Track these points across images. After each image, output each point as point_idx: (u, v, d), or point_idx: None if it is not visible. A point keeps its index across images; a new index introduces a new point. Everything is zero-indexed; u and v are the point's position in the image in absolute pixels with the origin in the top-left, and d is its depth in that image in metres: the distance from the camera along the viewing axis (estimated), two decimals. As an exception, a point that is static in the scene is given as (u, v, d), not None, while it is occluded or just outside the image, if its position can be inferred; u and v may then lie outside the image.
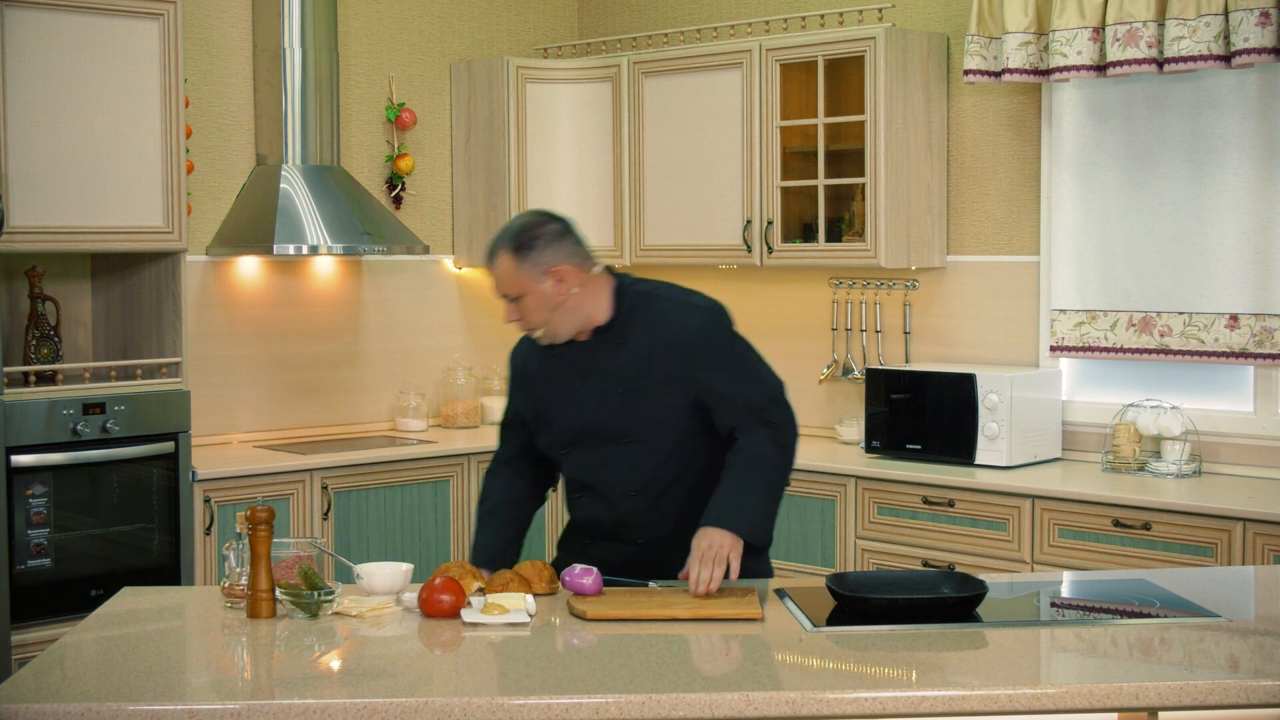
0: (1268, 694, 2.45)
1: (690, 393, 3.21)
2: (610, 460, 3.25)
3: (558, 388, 3.28)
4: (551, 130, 6.15)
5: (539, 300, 3.17)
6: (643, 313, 3.23)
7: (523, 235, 3.15)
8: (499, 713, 2.37)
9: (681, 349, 3.20)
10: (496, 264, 3.17)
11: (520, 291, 3.16)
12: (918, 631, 2.78)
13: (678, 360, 3.20)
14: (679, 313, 3.24)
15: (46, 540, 4.75)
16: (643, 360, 3.21)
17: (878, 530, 5.09)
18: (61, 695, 2.43)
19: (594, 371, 3.24)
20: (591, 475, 3.29)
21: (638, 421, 3.22)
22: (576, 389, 3.26)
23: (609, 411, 3.23)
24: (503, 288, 3.18)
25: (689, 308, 3.26)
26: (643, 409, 3.21)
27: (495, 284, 3.19)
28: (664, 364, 3.20)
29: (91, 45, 4.83)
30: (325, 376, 5.98)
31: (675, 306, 3.26)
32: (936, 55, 5.48)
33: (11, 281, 5.09)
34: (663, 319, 3.23)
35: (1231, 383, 4.96)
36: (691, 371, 3.20)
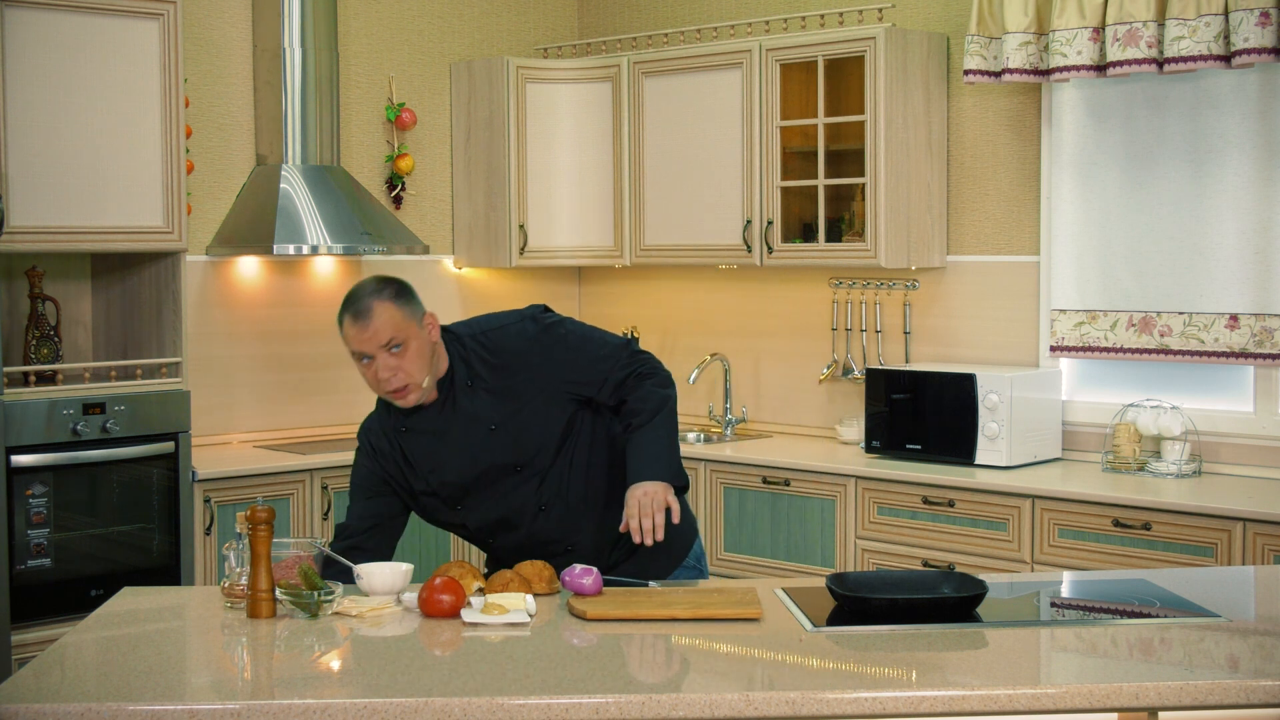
0: (1268, 694, 2.45)
1: (559, 396, 3.26)
2: (508, 493, 3.27)
3: (427, 455, 3.25)
4: (551, 130, 6.15)
5: (420, 348, 3.15)
6: (475, 353, 3.24)
7: (396, 283, 3.17)
8: (499, 713, 2.37)
9: (529, 365, 3.23)
10: (376, 314, 3.11)
11: (405, 338, 3.12)
12: (918, 631, 2.78)
13: (531, 375, 3.23)
14: (507, 337, 3.26)
15: (46, 540, 4.75)
16: (498, 395, 3.22)
17: (878, 530, 5.09)
18: (61, 695, 2.43)
19: (459, 425, 3.22)
20: (496, 513, 3.29)
21: (519, 450, 3.24)
22: (447, 448, 3.24)
23: (490, 453, 3.23)
24: (387, 335, 3.11)
25: (512, 327, 3.28)
26: (520, 437, 3.24)
27: (372, 338, 3.11)
28: (521, 386, 3.23)
29: (91, 45, 4.83)
30: (325, 376, 5.97)
31: (500, 334, 3.27)
32: (936, 55, 5.48)
33: (11, 281, 5.09)
34: (497, 350, 3.24)
35: (1231, 383, 4.96)
36: (550, 377, 3.24)
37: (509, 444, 3.23)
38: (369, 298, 3.15)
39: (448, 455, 3.24)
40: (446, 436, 3.24)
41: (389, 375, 3.13)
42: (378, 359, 3.13)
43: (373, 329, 3.12)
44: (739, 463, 5.42)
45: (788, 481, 5.29)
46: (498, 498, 3.27)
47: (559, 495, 3.29)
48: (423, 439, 3.25)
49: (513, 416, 3.23)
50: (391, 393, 3.16)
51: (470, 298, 6.40)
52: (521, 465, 3.25)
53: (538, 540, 3.30)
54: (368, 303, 3.14)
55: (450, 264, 6.35)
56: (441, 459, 3.24)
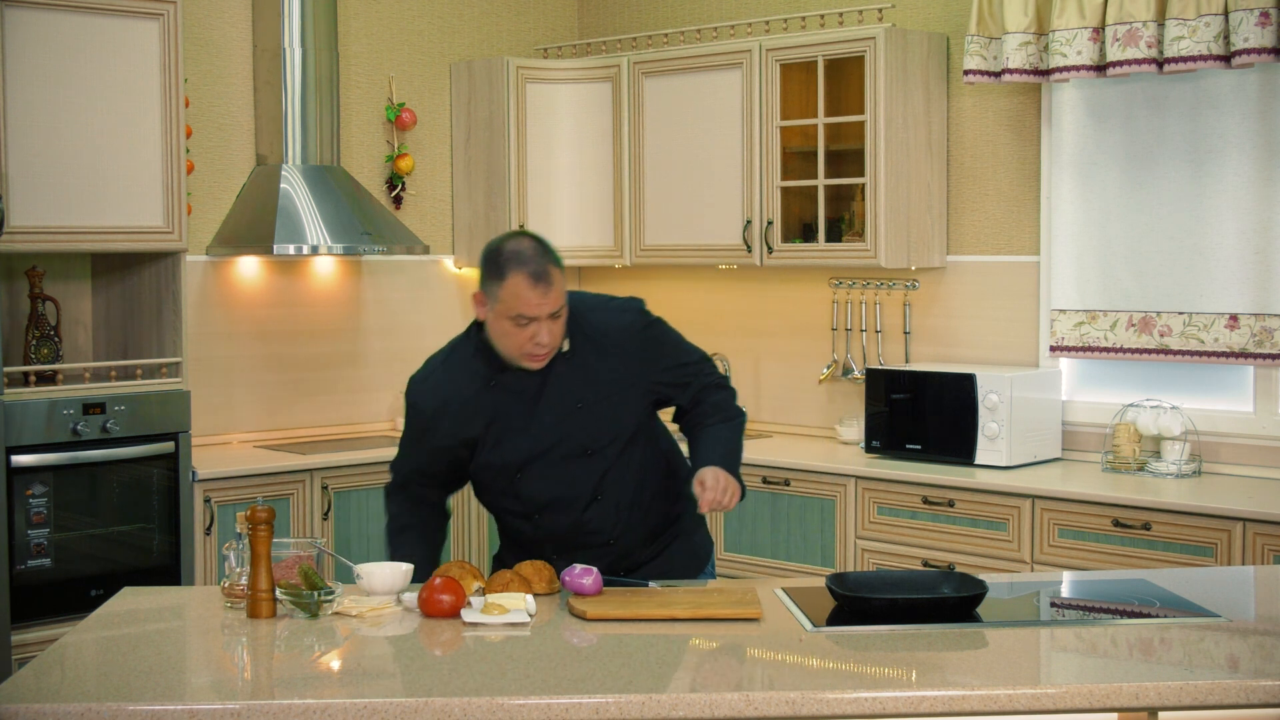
0: (1268, 694, 2.45)
1: (644, 391, 3.29)
2: (571, 474, 3.26)
3: (510, 418, 3.23)
4: (551, 130, 6.14)
5: (565, 312, 3.15)
6: (581, 327, 3.24)
7: (554, 250, 3.14)
8: (499, 713, 2.37)
9: (626, 353, 3.25)
10: (555, 281, 3.08)
11: (564, 303, 3.13)
12: (918, 631, 2.78)
13: (625, 364, 3.25)
14: (612, 320, 3.28)
15: (46, 540, 4.75)
16: (592, 373, 3.23)
17: (878, 530, 5.09)
18: (61, 695, 2.43)
19: (549, 394, 3.22)
20: (553, 492, 3.27)
21: (595, 433, 3.24)
22: (532, 414, 3.23)
23: (567, 429, 3.23)
24: (560, 302, 3.09)
25: (621, 312, 3.30)
26: (600, 420, 3.24)
27: (549, 303, 3.07)
28: (613, 373, 3.24)
29: (91, 45, 4.83)
30: (325, 376, 5.98)
31: (605, 315, 3.29)
32: (936, 55, 5.48)
33: (11, 281, 5.09)
34: (599, 330, 3.25)
35: (1231, 383, 4.96)
36: (642, 371, 3.27)
37: (589, 424, 3.23)
38: (543, 260, 3.08)
39: (528, 419, 3.22)
40: (533, 401, 3.22)
41: (549, 340, 3.11)
42: (542, 323, 3.09)
43: (552, 296, 3.07)
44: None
45: (788, 481, 5.29)
46: (559, 476, 3.25)
47: (615, 488, 3.28)
48: (509, 398, 3.22)
49: (599, 398, 3.23)
50: (532, 356, 3.14)
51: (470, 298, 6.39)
52: (592, 450, 3.24)
53: (581, 528, 3.28)
54: (545, 266, 3.07)
55: (450, 264, 6.35)
56: (521, 421, 3.22)
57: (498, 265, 3.11)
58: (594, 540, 3.30)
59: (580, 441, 3.24)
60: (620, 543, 3.31)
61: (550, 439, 3.23)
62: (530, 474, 3.25)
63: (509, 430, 3.23)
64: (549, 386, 3.22)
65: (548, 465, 3.24)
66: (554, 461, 3.24)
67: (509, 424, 3.23)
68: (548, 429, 3.22)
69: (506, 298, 3.09)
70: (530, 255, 3.08)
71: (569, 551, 3.27)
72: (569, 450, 3.24)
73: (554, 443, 3.23)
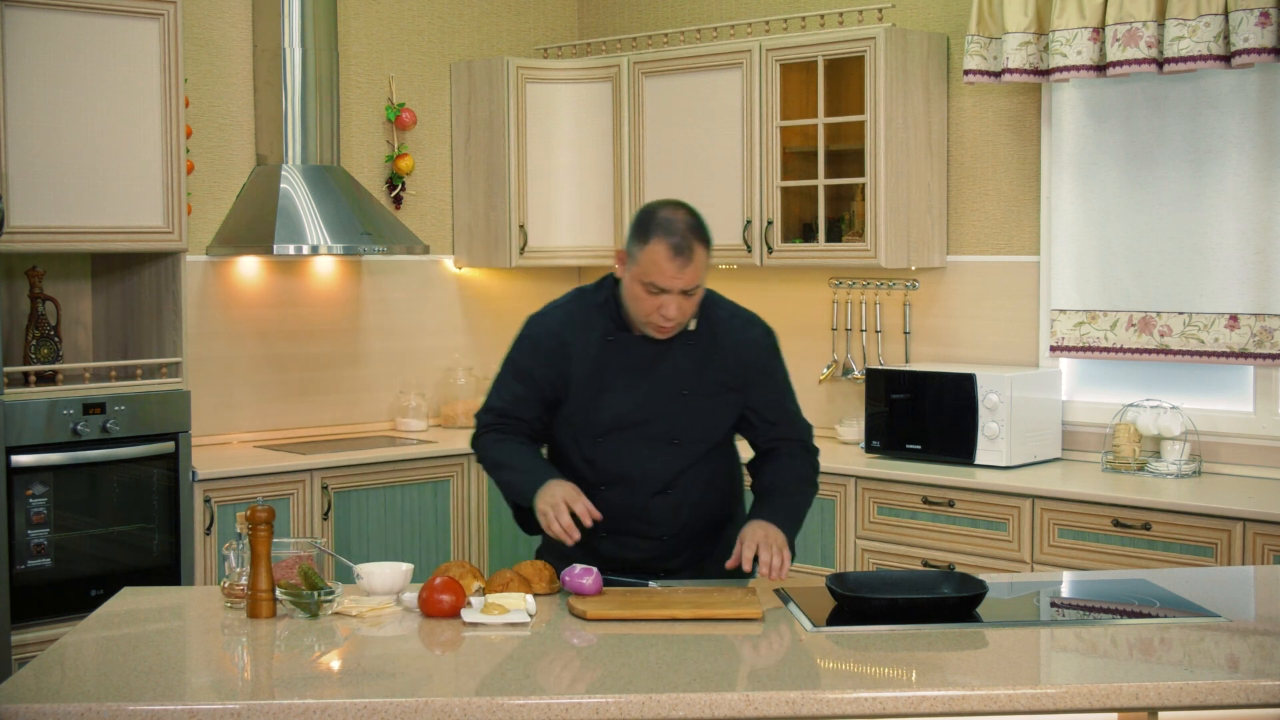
0: (1268, 694, 2.45)
1: (739, 404, 3.29)
2: (652, 457, 3.25)
3: (615, 377, 3.22)
4: (551, 130, 6.14)
5: (701, 293, 3.17)
6: (709, 318, 3.26)
7: (706, 228, 3.14)
8: (499, 713, 2.37)
9: (744, 363, 3.26)
10: (696, 258, 3.08)
11: (701, 283, 3.14)
12: (918, 631, 2.78)
13: (738, 372, 3.26)
14: (744, 327, 3.30)
15: (46, 540, 4.75)
16: (705, 366, 3.24)
17: (878, 530, 5.09)
18: (61, 695, 2.43)
19: (661, 370, 3.22)
20: (629, 468, 3.25)
21: (688, 425, 3.25)
22: (636, 382, 3.22)
23: (666, 410, 3.23)
24: (695, 281, 3.10)
25: (752, 323, 3.32)
26: (697, 415, 3.25)
27: (684, 280, 3.08)
28: (724, 373, 3.25)
29: (91, 45, 4.83)
30: (325, 376, 5.98)
31: (739, 320, 3.31)
32: (936, 55, 5.48)
33: (11, 281, 5.09)
34: (728, 329, 3.27)
35: (1231, 383, 4.96)
36: (750, 385, 3.27)
37: (686, 415, 3.23)
38: (691, 234, 3.09)
39: (632, 387, 3.22)
40: (643, 371, 3.22)
41: (676, 314, 3.12)
42: (673, 297, 3.10)
43: (689, 273, 3.08)
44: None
45: (788, 481, 5.28)
46: (641, 457, 3.24)
47: (686, 486, 3.28)
48: (620, 359, 3.22)
49: (704, 394, 3.24)
50: (658, 326, 3.15)
51: (470, 298, 6.40)
52: (679, 441, 3.24)
53: (642, 515, 3.26)
54: (690, 241, 3.08)
55: (450, 264, 6.35)
56: (624, 386, 3.22)
57: (645, 229, 3.12)
58: (650, 531, 3.28)
59: (671, 429, 3.23)
60: (671, 541, 3.30)
61: (643, 415, 3.22)
62: (611, 443, 3.24)
63: (608, 390, 3.22)
64: (663, 364, 3.22)
65: (631, 440, 3.23)
66: (639, 439, 3.23)
67: (611, 384, 3.22)
68: (645, 404, 3.22)
69: (645, 262, 3.10)
70: (678, 227, 3.09)
71: (621, 536, 3.26)
72: (657, 433, 3.23)
73: (646, 419, 3.22)
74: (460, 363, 6.27)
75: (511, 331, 3.39)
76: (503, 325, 6.43)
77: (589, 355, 3.23)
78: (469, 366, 6.26)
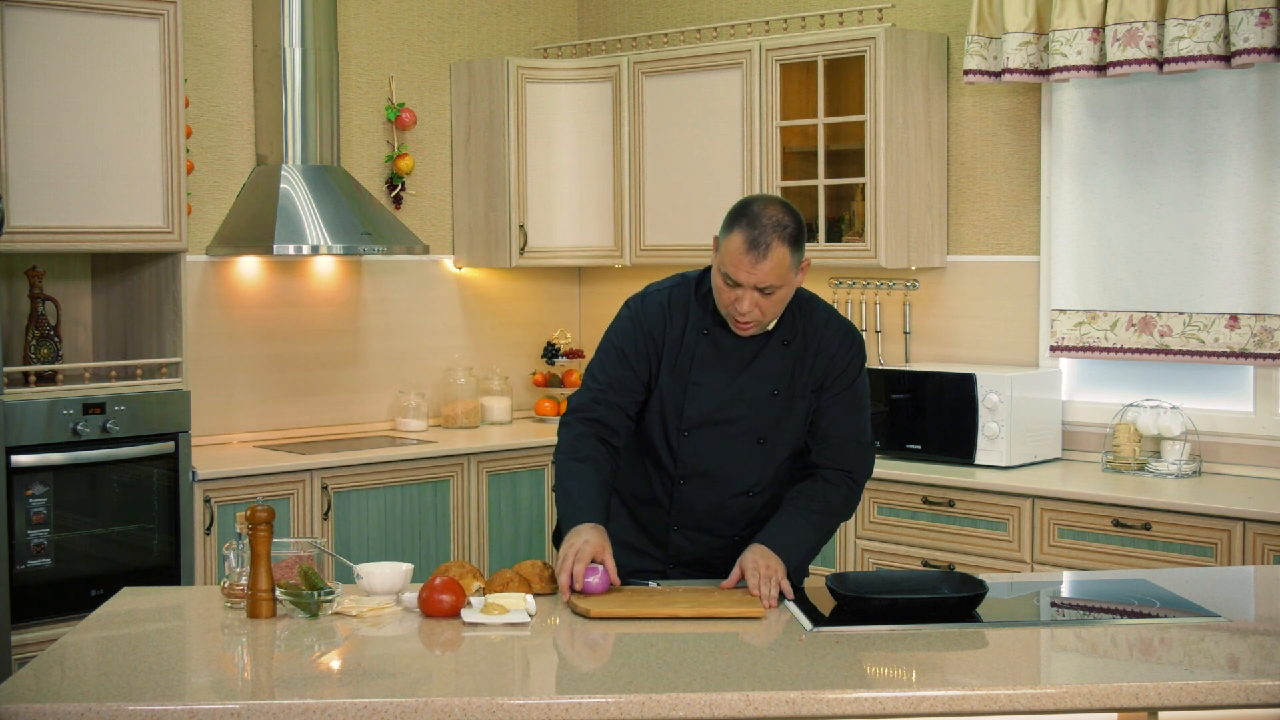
0: (1268, 694, 2.45)
1: (811, 407, 3.22)
2: (736, 456, 3.21)
3: (709, 371, 3.18)
4: (551, 130, 6.14)
5: (785, 295, 3.09)
6: (804, 319, 3.21)
7: (797, 226, 3.06)
8: (499, 713, 2.37)
9: (830, 366, 3.21)
10: (772, 255, 2.99)
11: (781, 283, 3.05)
12: (918, 631, 2.78)
13: (821, 374, 3.21)
14: (840, 331, 3.24)
15: (46, 540, 4.75)
16: (796, 366, 3.20)
17: (878, 530, 5.09)
18: (61, 695, 2.43)
19: (753, 369, 3.18)
20: (711, 465, 3.22)
21: (775, 425, 3.21)
22: (727, 378, 3.18)
23: (755, 409, 3.19)
24: (769, 280, 3.02)
25: (849, 330, 3.26)
26: (784, 415, 3.20)
27: (757, 277, 3.01)
28: (810, 374, 3.20)
29: (91, 45, 4.83)
30: (325, 376, 5.98)
31: (836, 323, 3.25)
32: (936, 55, 5.48)
33: (11, 281, 5.09)
34: (824, 331, 3.22)
35: (1231, 383, 4.96)
36: (824, 391, 3.21)
37: (774, 416, 3.19)
38: (772, 232, 3.01)
39: (723, 381, 3.18)
40: (735, 368, 3.18)
41: (749, 310, 3.06)
42: (747, 292, 3.04)
43: (761, 270, 3.01)
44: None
45: (788, 481, 5.28)
46: (725, 454, 3.20)
47: (767, 492, 3.25)
48: (716, 353, 3.18)
49: (794, 395, 3.19)
50: (735, 321, 3.10)
51: (470, 298, 6.40)
52: (765, 440, 3.20)
53: (718, 513, 3.22)
54: (769, 238, 3.00)
55: (450, 264, 6.35)
56: (717, 381, 3.18)
57: (733, 218, 3.07)
58: (724, 530, 3.25)
59: (758, 428, 3.19)
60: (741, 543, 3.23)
61: (732, 412, 3.18)
62: (696, 437, 3.20)
63: (698, 384, 3.18)
64: (756, 362, 3.18)
65: (718, 437, 3.20)
66: (725, 436, 3.20)
67: (701, 378, 3.18)
68: (735, 402, 3.18)
69: (724, 252, 3.05)
70: (763, 222, 3.02)
71: (692, 532, 3.23)
72: (744, 431, 3.19)
73: (734, 417, 3.19)
74: (460, 363, 6.27)
75: (512, 332, 3.39)
76: (503, 325, 6.43)
77: (684, 344, 3.19)
78: (469, 366, 6.26)
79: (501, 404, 6.22)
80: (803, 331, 3.20)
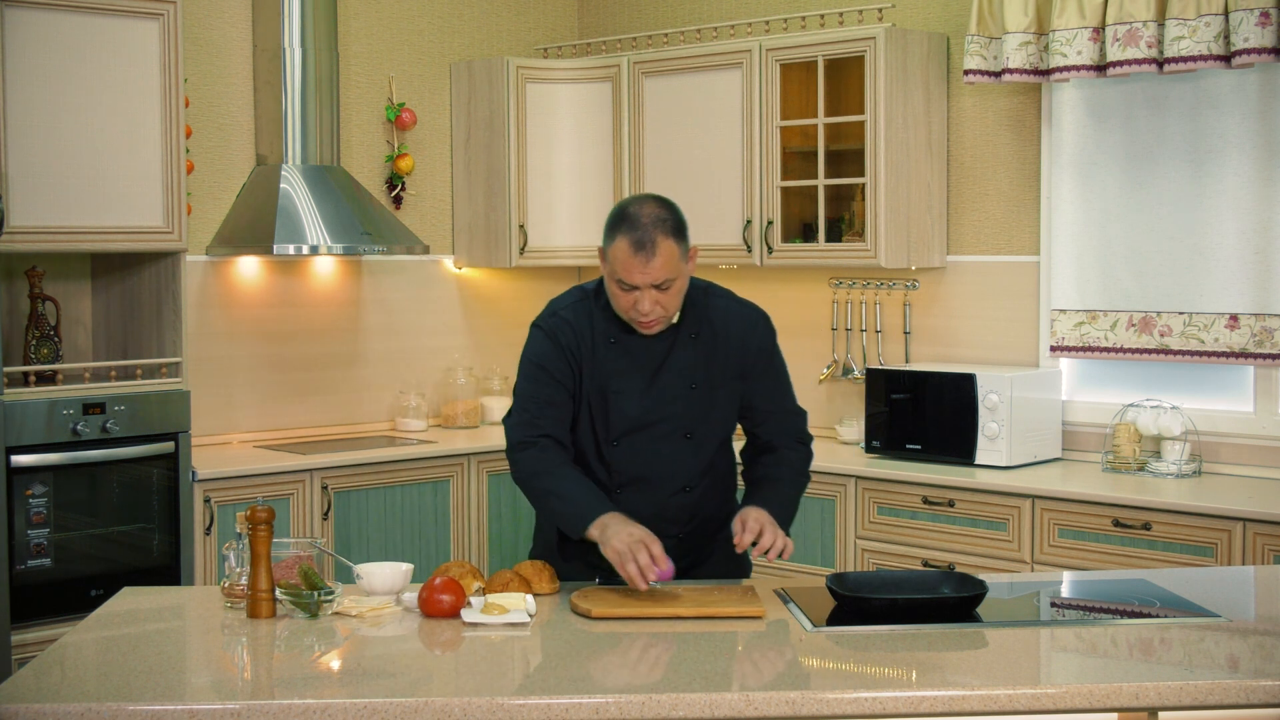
0: (1268, 694, 2.45)
1: (739, 395, 3.28)
2: (667, 455, 3.24)
3: (625, 378, 3.21)
4: (551, 130, 6.15)
5: (682, 285, 3.12)
6: (706, 307, 3.25)
7: (676, 218, 3.09)
8: (499, 713, 2.37)
9: (745, 352, 3.26)
10: (660, 252, 3.02)
11: (675, 275, 3.08)
12: (918, 631, 2.78)
13: (739, 362, 3.25)
14: (744, 316, 3.29)
15: (46, 540, 4.75)
16: (710, 357, 3.23)
17: (878, 530, 5.09)
18: (61, 695, 2.43)
19: (667, 367, 3.21)
20: (645, 469, 3.25)
21: (699, 418, 3.25)
22: (647, 380, 3.21)
23: (678, 406, 3.22)
24: (663, 276, 3.05)
25: (752, 313, 3.31)
26: (706, 406, 3.24)
27: (648, 275, 3.04)
28: (727, 363, 3.24)
29: (91, 45, 4.83)
30: (325, 376, 5.98)
31: (738, 308, 3.29)
32: (936, 55, 5.48)
33: (11, 281, 5.09)
34: (729, 317, 3.26)
35: (1231, 383, 4.96)
36: (749, 375, 3.27)
37: (697, 409, 3.23)
38: (653, 228, 3.04)
39: (641, 386, 3.21)
40: (649, 370, 3.21)
41: (650, 308, 3.08)
42: (645, 292, 3.07)
43: (653, 268, 3.04)
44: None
45: (788, 481, 5.28)
46: (657, 456, 3.23)
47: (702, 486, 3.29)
48: (627, 362, 3.20)
49: (712, 385, 3.23)
50: (638, 322, 3.13)
51: (470, 298, 6.40)
52: (692, 434, 3.24)
53: (661, 514, 3.23)
54: (651, 235, 3.03)
55: (450, 264, 6.35)
56: (634, 386, 3.20)
57: (613, 224, 3.10)
58: (667, 530, 3.25)
59: (683, 424, 3.23)
60: (685, 540, 3.28)
61: (656, 414, 3.21)
62: (626, 445, 3.23)
63: (620, 392, 3.20)
64: (669, 360, 3.21)
65: (646, 441, 3.23)
66: (653, 438, 3.23)
67: (621, 385, 3.20)
68: (656, 404, 3.21)
69: (612, 260, 3.08)
70: (643, 222, 3.04)
71: None
72: (672, 429, 3.23)
73: (660, 419, 3.22)
74: (460, 363, 6.27)
75: (512, 331, 3.40)
76: (503, 325, 6.42)
77: (596, 358, 3.21)
78: (469, 366, 6.26)
79: (501, 404, 6.21)
80: (708, 320, 3.24)
